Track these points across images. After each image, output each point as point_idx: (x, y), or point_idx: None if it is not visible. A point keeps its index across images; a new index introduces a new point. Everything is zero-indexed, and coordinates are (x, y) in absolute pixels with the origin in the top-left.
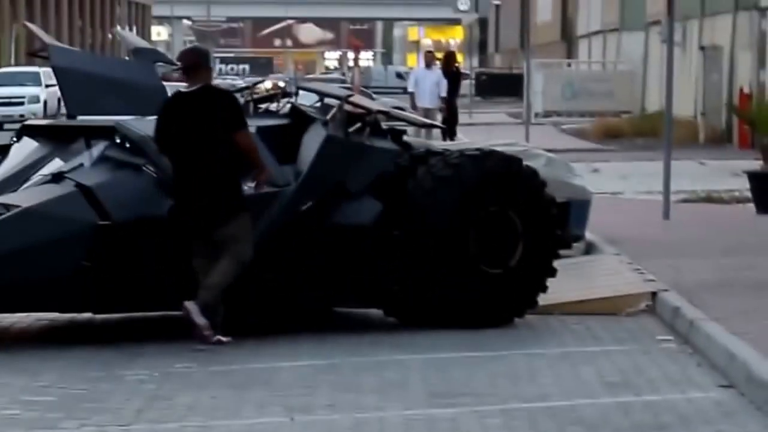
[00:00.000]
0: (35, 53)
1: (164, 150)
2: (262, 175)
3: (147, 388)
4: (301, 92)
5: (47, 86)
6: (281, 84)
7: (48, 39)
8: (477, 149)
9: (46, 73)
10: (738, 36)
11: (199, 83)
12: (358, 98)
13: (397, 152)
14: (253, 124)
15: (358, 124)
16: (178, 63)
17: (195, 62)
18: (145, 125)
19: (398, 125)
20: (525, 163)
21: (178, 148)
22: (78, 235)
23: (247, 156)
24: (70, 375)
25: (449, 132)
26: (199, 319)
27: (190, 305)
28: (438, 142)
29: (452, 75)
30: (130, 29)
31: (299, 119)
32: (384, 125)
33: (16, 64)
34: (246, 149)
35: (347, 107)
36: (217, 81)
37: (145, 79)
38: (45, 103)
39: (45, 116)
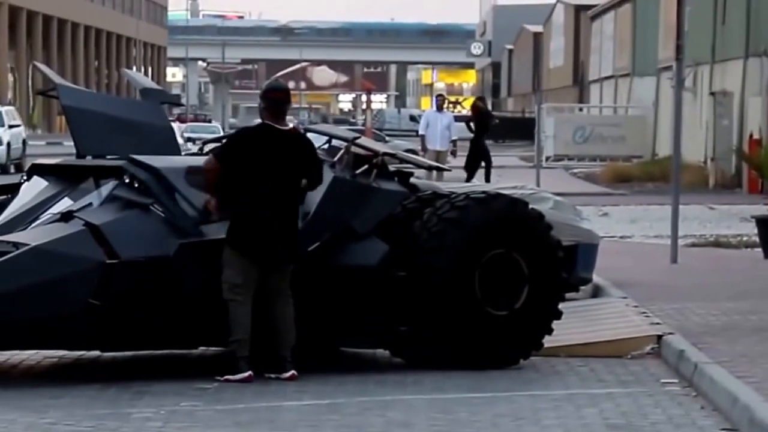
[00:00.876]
0: (45, 93)
1: (236, 175)
2: None
3: (153, 426)
4: (309, 134)
5: (11, 127)
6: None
7: (57, 79)
8: (483, 192)
9: (9, 112)
10: (748, 82)
11: (283, 122)
12: (365, 140)
13: (404, 194)
14: None
15: (365, 166)
16: (270, 96)
17: (288, 100)
18: (159, 162)
19: (406, 167)
20: (532, 206)
21: (265, 180)
22: (86, 274)
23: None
24: (77, 412)
25: (486, 174)
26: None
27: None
28: (458, 185)
29: (481, 117)
30: (146, 70)
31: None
32: (392, 167)
33: (33, 103)
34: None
35: (354, 149)
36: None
37: (153, 118)
38: (8, 145)
39: (8, 159)
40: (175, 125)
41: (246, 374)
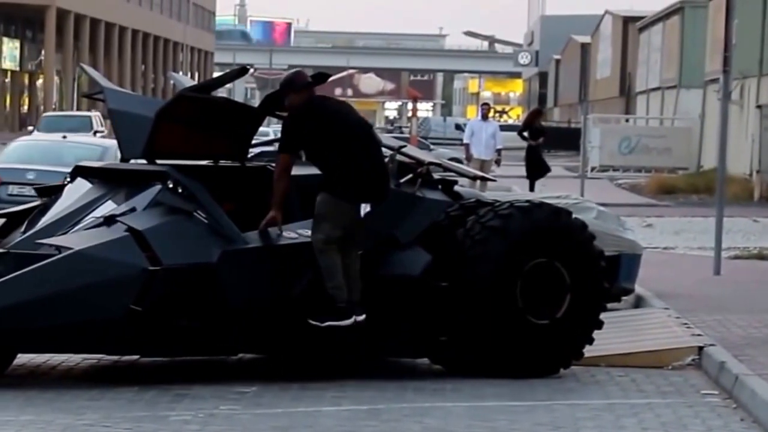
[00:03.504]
0: (91, 96)
1: (315, 150)
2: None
3: (191, 429)
4: None
5: (95, 133)
6: None
7: (104, 82)
8: (527, 201)
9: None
10: None
11: None
12: (410, 149)
13: (447, 203)
14: (302, 173)
15: (410, 175)
16: (312, 80)
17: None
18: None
19: (450, 176)
20: (575, 215)
21: (349, 140)
22: (128, 280)
23: None
24: (115, 414)
25: (530, 183)
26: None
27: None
28: (502, 193)
29: (536, 131)
30: (192, 75)
31: None
32: (436, 176)
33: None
34: None
35: (399, 158)
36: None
37: None
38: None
39: None
40: None
41: (353, 319)
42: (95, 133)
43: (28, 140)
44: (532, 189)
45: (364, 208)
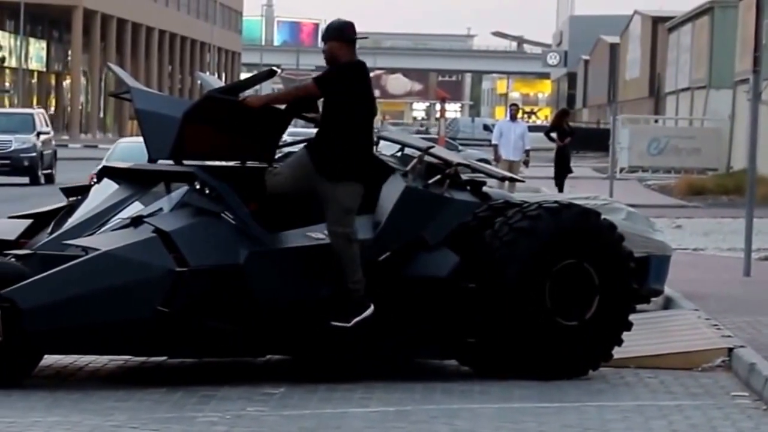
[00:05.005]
0: (118, 95)
1: (334, 104)
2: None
3: (218, 430)
4: (381, 142)
5: (39, 134)
6: None
7: (131, 82)
8: (555, 201)
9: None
10: None
11: None
12: (438, 150)
13: (476, 204)
14: None
15: (438, 176)
16: (353, 33)
17: None
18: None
19: (478, 177)
20: (604, 216)
21: (360, 110)
22: (155, 281)
23: None
24: (142, 416)
25: (559, 183)
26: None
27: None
28: (530, 194)
29: (564, 132)
30: (219, 75)
31: (379, 169)
32: (464, 176)
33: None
34: None
35: (428, 158)
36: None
37: None
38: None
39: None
40: None
41: (371, 306)
42: (38, 134)
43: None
44: (560, 190)
45: None
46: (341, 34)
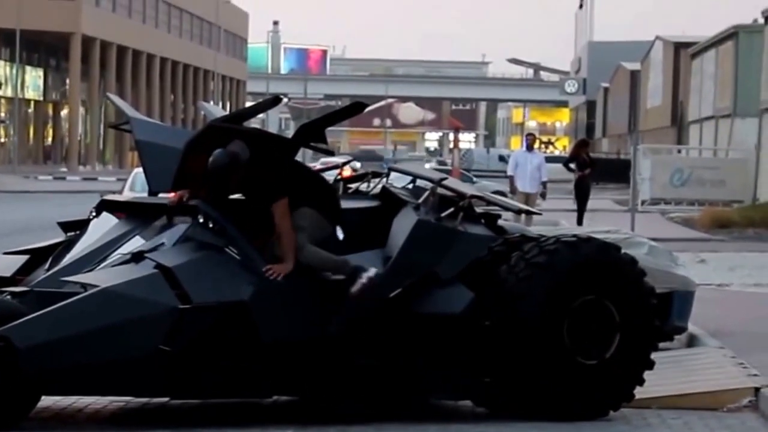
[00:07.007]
0: (117, 126)
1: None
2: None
3: None
4: (393, 174)
5: None
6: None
7: (131, 112)
8: (574, 235)
9: None
10: None
11: None
12: (451, 181)
13: (490, 238)
14: (341, 206)
15: (451, 209)
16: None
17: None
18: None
19: (493, 209)
20: (625, 251)
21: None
22: (157, 318)
23: None
24: None
25: (578, 216)
26: None
27: None
28: (547, 228)
29: (583, 163)
30: (224, 104)
31: (390, 201)
32: (479, 209)
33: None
34: None
35: (440, 191)
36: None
37: None
38: None
39: None
40: None
41: (370, 270)
42: None
43: None
44: (580, 223)
45: None
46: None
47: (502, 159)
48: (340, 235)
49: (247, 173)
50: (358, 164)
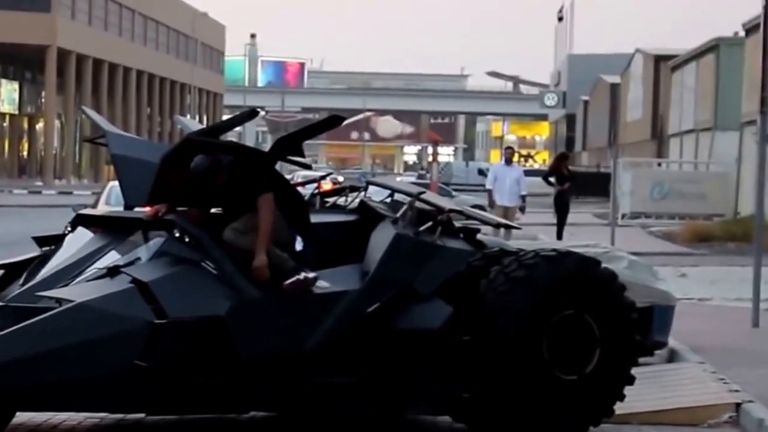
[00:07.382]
0: (93, 140)
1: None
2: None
3: None
4: (371, 187)
5: None
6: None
7: (107, 126)
8: (553, 250)
9: None
10: None
11: None
12: (429, 195)
13: (469, 252)
14: (317, 220)
15: (430, 223)
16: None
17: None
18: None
19: (472, 224)
20: (605, 265)
21: None
22: (132, 334)
23: None
24: None
25: (558, 230)
26: None
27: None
28: (527, 242)
29: (563, 177)
30: (200, 118)
31: (368, 216)
32: (458, 224)
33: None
34: None
35: (418, 204)
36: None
37: None
38: None
39: None
40: None
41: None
42: None
43: None
44: (560, 237)
45: None
46: None
47: (482, 173)
48: (299, 246)
49: (230, 176)
50: (340, 177)
